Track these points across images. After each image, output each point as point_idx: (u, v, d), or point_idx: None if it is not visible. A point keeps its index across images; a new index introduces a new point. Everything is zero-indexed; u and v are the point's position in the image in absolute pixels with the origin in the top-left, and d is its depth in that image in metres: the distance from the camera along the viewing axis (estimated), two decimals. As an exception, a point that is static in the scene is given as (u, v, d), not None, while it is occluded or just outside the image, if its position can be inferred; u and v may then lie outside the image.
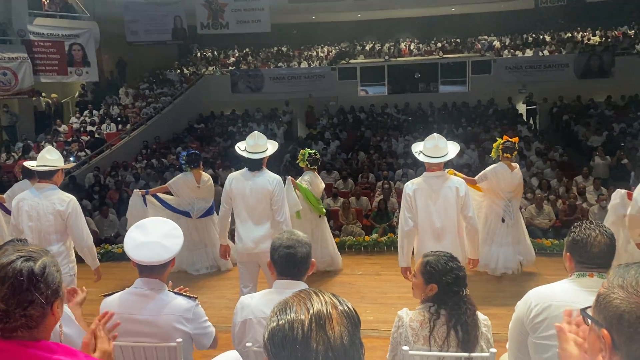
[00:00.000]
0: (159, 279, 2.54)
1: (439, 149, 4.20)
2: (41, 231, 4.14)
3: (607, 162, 11.71)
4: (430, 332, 2.38)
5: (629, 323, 1.01)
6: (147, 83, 20.40)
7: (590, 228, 2.26)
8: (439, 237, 4.17)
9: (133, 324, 2.48)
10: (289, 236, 2.40)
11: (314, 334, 1.03)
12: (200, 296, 5.86)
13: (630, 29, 21.69)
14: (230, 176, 4.71)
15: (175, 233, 2.56)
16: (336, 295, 1.13)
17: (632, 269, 1.07)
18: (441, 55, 20.51)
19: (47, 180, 4.20)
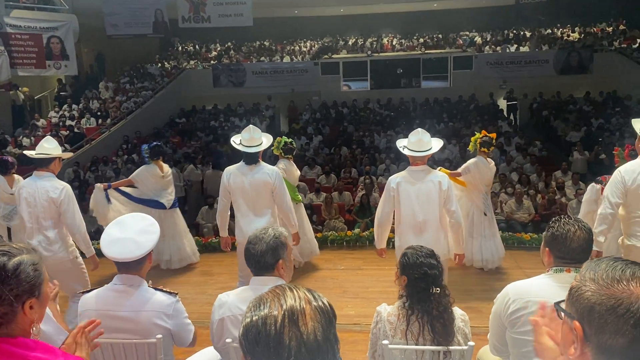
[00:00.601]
0: (138, 274, 2.52)
1: (422, 143, 4.27)
2: (38, 217, 4.31)
3: (586, 158, 11.89)
4: (407, 327, 2.41)
5: (599, 314, 1.04)
6: (128, 77, 20.15)
7: (569, 223, 2.29)
8: (420, 230, 4.23)
9: (113, 320, 2.46)
10: (258, 232, 2.42)
11: (286, 329, 1.04)
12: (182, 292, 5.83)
13: (608, 25, 22.02)
14: (227, 171, 4.75)
15: (151, 229, 2.54)
16: (312, 290, 1.13)
17: (603, 262, 1.10)
18: (423, 50, 20.61)
19: (44, 168, 4.38)
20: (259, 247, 2.37)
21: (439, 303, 2.42)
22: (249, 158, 4.64)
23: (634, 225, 3.83)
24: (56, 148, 4.49)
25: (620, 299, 1.03)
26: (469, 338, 2.44)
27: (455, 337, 2.41)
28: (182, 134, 16.46)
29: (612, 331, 1.02)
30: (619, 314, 1.02)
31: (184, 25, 18.25)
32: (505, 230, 8.35)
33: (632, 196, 3.78)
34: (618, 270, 1.07)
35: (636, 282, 1.04)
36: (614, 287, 1.05)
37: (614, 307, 1.03)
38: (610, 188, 3.83)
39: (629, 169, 3.78)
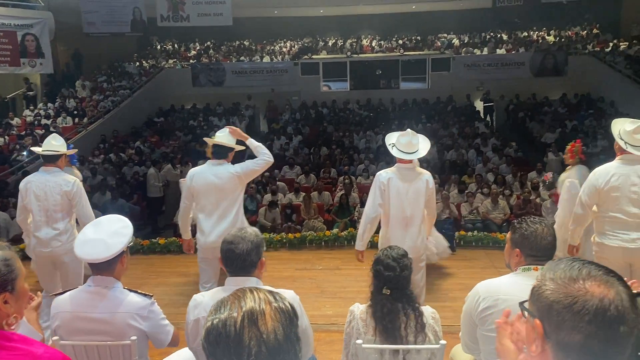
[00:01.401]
0: (111, 276, 2.51)
1: (411, 146, 4.37)
2: (48, 210, 4.52)
3: (560, 159, 12.09)
4: (376, 324, 2.46)
5: (557, 312, 1.08)
6: (105, 76, 19.91)
7: (535, 222, 2.38)
8: (407, 224, 4.37)
9: (87, 322, 2.44)
10: (235, 232, 2.41)
11: (246, 330, 1.06)
12: (159, 294, 5.80)
13: (582, 29, 22.46)
14: (191, 172, 4.64)
15: (124, 232, 2.53)
16: (274, 292, 1.16)
17: (562, 263, 1.15)
18: (402, 52, 20.77)
19: (52, 164, 4.63)
20: (243, 246, 2.34)
21: (383, 305, 2.45)
22: (219, 154, 4.56)
23: (605, 224, 3.94)
24: (63, 145, 4.74)
25: (576, 297, 1.07)
26: (440, 336, 2.49)
27: (426, 335, 2.45)
28: (161, 133, 16.32)
29: (569, 328, 1.06)
30: (575, 312, 1.06)
31: (162, 24, 18.09)
32: (480, 230, 8.49)
33: (604, 197, 3.88)
34: (575, 270, 1.11)
35: (592, 281, 1.08)
36: (571, 286, 1.09)
37: (570, 305, 1.07)
38: (583, 189, 3.97)
39: (602, 172, 3.88)
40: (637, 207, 3.80)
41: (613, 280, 1.09)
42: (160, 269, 6.90)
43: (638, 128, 3.84)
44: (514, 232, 2.43)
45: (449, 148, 13.56)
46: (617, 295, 1.06)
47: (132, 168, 12.48)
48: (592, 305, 1.05)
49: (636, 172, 3.82)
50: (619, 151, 3.96)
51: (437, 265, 6.61)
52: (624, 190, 3.81)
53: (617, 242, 3.85)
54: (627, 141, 3.84)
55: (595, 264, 1.13)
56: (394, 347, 2.41)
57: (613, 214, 3.87)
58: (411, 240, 4.35)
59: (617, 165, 3.88)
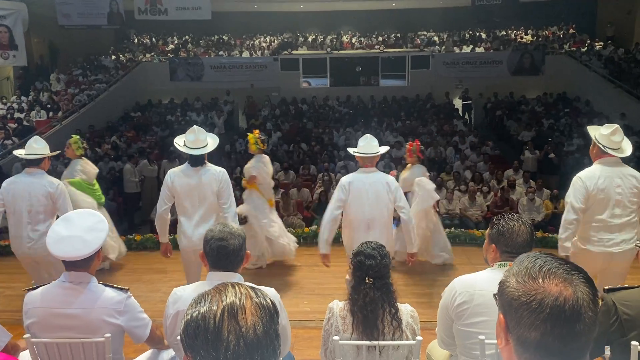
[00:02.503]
0: (86, 271, 2.47)
1: (371, 147, 4.56)
2: (32, 211, 4.60)
3: (536, 156, 12.30)
4: (354, 316, 2.46)
5: (515, 309, 1.09)
6: (81, 69, 19.57)
7: (512, 219, 2.40)
8: (368, 227, 4.40)
9: (60, 318, 2.40)
10: (221, 228, 2.39)
11: (225, 324, 1.05)
12: (135, 290, 5.72)
13: (559, 29, 22.81)
14: (170, 172, 4.50)
15: (100, 227, 2.49)
16: (256, 288, 1.15)
17: (527, 259, 1.15)
18: (382, 49, 20.82)
19: (35, 166, 4.68)
20: (235, 242, 2.34)
21: (366, 294, 2.46)
22: (195, 160, 4.41)
23: (591, 230, 3.95)
24: (45, 147, 4.76)
25: (533, 295, 1.07)
26: (418, 334, 2.50)
27: (403, 332, 2.46)
28: (137, 128, 16.10)
29: (527, 325, 1.07)
30: (532, 309, 1.06)
31: (140, 17, 17.83)
32: (458, 227, 8.57)
33: (592, 201, 3.90)
34: (536, 267, 1.11)
35: (551, 278, 1.08)
36: (530, 283, 1.09)
37: (527, 302, 1.07)
38: (574, 194, 3.93)
39: (589, 175, 3.91)
40: (621, 208, 3.87)
41: (573, 279, 1.08)
42: (136, 265, 6.82)
43: (614, 130, 3.90)
44: (491, 228, 2.45)
45: (428, 146, 13.64)
46: (574, 294, 1.06)
47: (108, 163, 12.28)
48: (548, 304, 1.05)
49: (618, 174, 3.89)
50: (596, 156, 4.00)
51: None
52: (609, 192, 3.87)
53: (601, 248, 3.89)
54: (605, 144, 3.91)
55: (560, 261, 1.13)
56: (371, 343, 2.41)
57: (599, 217, 3.90)
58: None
59: (601, 168, 3.92)
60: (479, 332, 2.28)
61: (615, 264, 3.92)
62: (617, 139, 3.93)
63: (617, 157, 3.92)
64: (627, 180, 3.88)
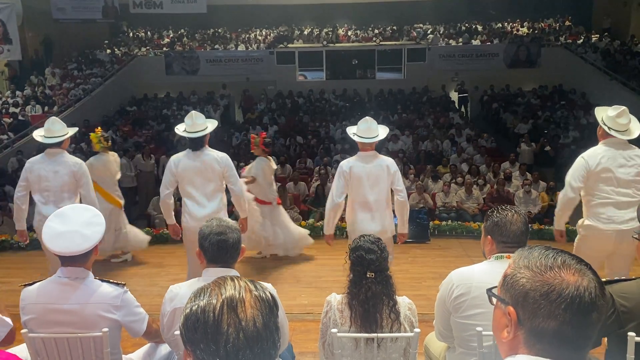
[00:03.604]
0: (83, 267, 2.46)
1: (371, 131, 4.57)
2: (55, 190, 4.75)
3: (532, 149, 12.32)
4: (354, 309, 2.47)
5: (533, 300, 1.10)
6: (76, 63, 19.47)
7: (506, 209, 2.44)
8: (370, 209, 4.54)
9: (57, 314, 2.39)
10: (218, 223, 2.39)
11: (225, 316, 1.05)
12: (132, 284, 5.73)
13: (555, 21, 22.80)
14: (173, 158, 4.73)
15: (97, 220, 2.48)
16: (255, 281, 1.15)
17: (536, 250, 1.16)
18: (378, 42, 20.77)
19: (56, 147, 4.81)
20: (234, 236, 2.36)
21: (368, 288, 2.47)
22: (195, 143, 4.63)
23: (598, 207, 3.99)
24: (63, 128, 4.88)
25: (553, 285, 1.09)
26: (416, 326, 2.51)
27: (401, 324, 2.46)
28: (133, 122, 16.04)
29: (545, 315, 1.09)
30: (552, 299, 1.08)
31: (135, 11, 17.78)
32: (454, 220, 8.59)
33: (595, 179, 3.96)
34: (550, 258, 1.13)
35: (567, 269, 1.11)
36: (547, 274, 1.11)
37: (547, 292, 1.09)
38: (573, 173, 4.02)
39: (592, 155, 3.99)
40: (626, 187, 3.93)
41: (585, 269, 1.12)
42: (133, 259, 6.80)
43: (621, 112, 3.95)
44: (486, 221, 2.48)
45: (424, 139, 13.66)
46: (590, 283, 1.10)
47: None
48: (569, 293, 1.08)
49: (622, 154, 3.94)
50: (602, 137, 4.06)
51: (411, 253, 6.68)
52: (613, 171, 3.92)
53: (611, 225, 3.92)
54: (610, 126, 3.96)
55: (567, 253, 1.16)
56: (369, 335, 2.42)
57: (606, 194, 3.96)
58: (377, 224, 4.51)
59: (605, 149, 3.98)
60: (476, 324, 2.29)
61: (625, 245, 3.89)
62: (623, 121, 3.96)
63: (622, 138, 3.95)
64: (632, 161, 3.93)
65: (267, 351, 1.07)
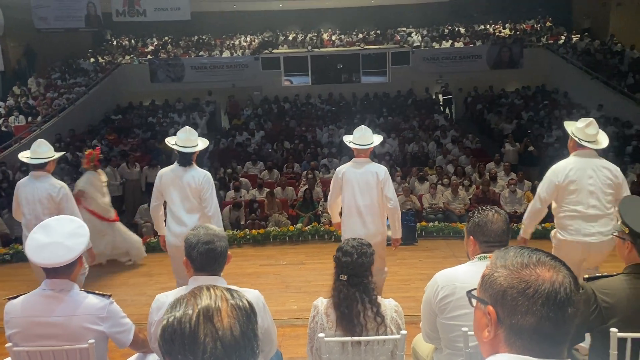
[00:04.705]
0: (68, 279, 2.44)
1: (365, 138, 4.72)
2: (37, 213, 4.76)
3: (516, 149, 12.44)
4: (335, 312, 2.49)
5: (511, 297, 1.13)
6: (59, 72, 19.31)
7: (486, 209, 2.50)
8: (361, 214, 4.65)
9: (42, 327, 2.37)
10: (205, 231, 2.38)
11: (201, 327, 1.06)
12: (120, 294, 5.71)
13: (536, 22, 23.07)
14: (160, 172, 4.75)
15: (80, 232, 2.46)
16: (232, 290, 1.16)
17: (511, 250, 1.20)
18: (362, 46, 20.87)
19: (41, 169, 4.84)
20: (222, 244, 2.36)
21: (340, 291, 2.49)
22: (184, 159, 4.62)
23: (566, 219, 4.07)
24: (49, 150, 4.91)
25: (529, 282, 1.13)
26: (403, 328, 2.52)
27: (387, 327, 2.48)
28: (119, 131, 15.93)
29: (523, 312, 1.12)
30: (529, 296, 1.12)
31: (118, 19, 17.69)
32: (441, 221, 8.65)
33: (563, 192, 4.03)
34: (526, 257, 1.16)
35: (542, 266, 1.14)
36: (523, 271, 1.14)
37: (524, 289, 1.12)
38: (542, 185, 4.13)
39: (561, 168, 4.07)
40: (595, 199, 3.98)
41: (559, 266, 1.15)
42: (121, 269, 6.76)
43: (589, 124, 4.06)
44: (468, 221, 2.51)
45: (410, 141, 13.73)
46: (565, 279, 1.13)
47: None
48: (545, 289, 1.11)
49: (591, 166, 4.01)
50: (572, 149, 4.14)
51: (399, 255, 6.71)
52: (581, 183, 3.98)
53: (578, 237, 3.99)
54: (581, 137, 4.05)
55: (542, 251, 1.19)
56: (356, 339, 2.43)
57: (573, 207, 4.01)
58: (367, 228, 4.61)
59: (574, 160, 4.06)
60: (462, 324, 2.32)
61: (593, 255, 4.01)
62: (592, 132, 4.06)
63: (593, 149, 4.05)
64: (600, 172, 4.00)
65: (246, 359, 1.08)
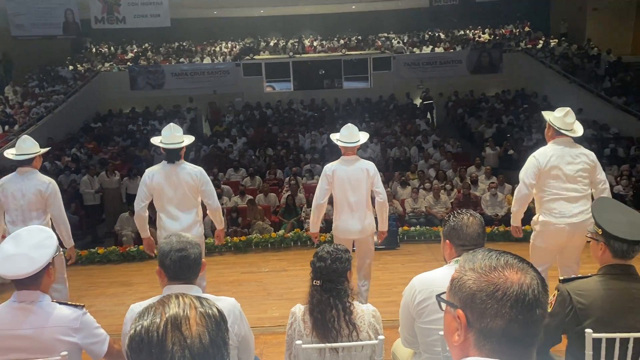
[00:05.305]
0: (37, 290, 2.38)
1: (352, 136, 4.81)
2: (24, 209, 4.71)
3: (497, 152, 12.56)
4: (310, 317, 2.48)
5: (480, 300, 1.13)
6: (37, 80, 19.07)
7: (462, 213, 2.51)
8: (352, 209, 4.73)
9: (12, 340, 2.31)
10: (178, 239, 2.35)
11: (169, 335, 1.04)
12: (98, 304, 5.63)
13: (515, 27, 23.40)
14: (148, 171, 4.68)
15: (47, 243, 2.41)
16: (202, 298, 1.14)
17: (479, 254, 1.19)
18: (344, 52, 20.96)
19: (27, 165, 4.75)
20: (195, 251, 2.34)
21: (313, 296, 2.49)
22: (171, 155, 4.58)
23: (549, 202, 4.21)
24: (34, 146, 4.83)
25: (498, 285, 1.12)
26: (381, 333, 2.51)
27: (366, 333, 2.47)
28: (98, 139, 15.75)
29: (492, 315, 1.11)
30: (498, 298, 1.11)
31: (97, 26, 17.51)
32: (423, 225, 8.69)
33: (545, 176, 4.19)
34: (494, 259, 1.16)
35: (510, 268, 1.14)
36: (492, 274, 1.14)
37: (492, 292, 1.12)
38: (525, 171, 4.27)
39: (542, 153, 4.24)
40: (574, 183, 4.16)
41: (527, 267, 1.15)
42: (99, 279, 6.68)
43: (567, 112, 4.23)
44: (444, 225, 2.52)
45: (392, 146, 13.80)
46: (532, 281, 1.13)
47: (68, 176, 11.98)
48: (513, 291, 1.11)
49: (569, 152, 4.20)
50: (550, 137, 4.30)
51: (381, 260, 6.72)
52: (562, 168, 4.16)
53: (562, 219, 4.14)
54: (559, 126, 4.21)
55: (509, 253, 1.19)
56: (333, 345, 2.42)
57: (556, 190, 4.18)
58: (358, 223, 4.70)
59: (553, 147, 4.23)
60: (439, 328, 2.32)
61: (577, 237, 4.13)
62: (570, 120, 4.23)
63: (570, 137, 4.22)
64: (578, 159, 4.19)
65: None
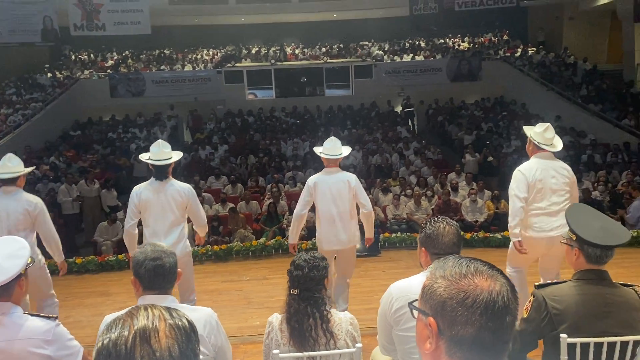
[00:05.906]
0: (8, 301, 2.34)
1: (335, 149, 4.88)
2: (10, 229, 4.53)
3: (477, 159, 12.69)
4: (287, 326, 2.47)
5: (451, 308, 1.12)
6: (15, 88, 18.79)
7: (438, 221, 2.48)
8: (334, 221, 4.78)
9: (-17, 353, 2.27)
10: (152, 248, 2.33)
11: (138, 348, 1.03)
12: (76, 315, 5.54)
13: (494, 36, 23.74)
14: (136, 188, 4.65)
15: (20, 254, 2.36)
16: (171, 309, 1.13)
17: (450, 261, 1.19)
18: (326, 59, 21.04)
19: (11, 185, 4.65)
20: (170, 260, 2.31)
21: (290, 305, 2.49)
22: (160, 173, 4.56)
23: (531, 217, 4.30)
24: (19, 165, 4.75)
25: (468, 292, 1.12)
26: (358, 341, 2.51)
27: (344, 341, 2.46)
28: (77, 147, 15.54)
29: (463, 322, 1.11)
30: (468, 306, 1.11)
31: (76, 33, 17.35)
32: (405, 231, 8.72)
33: (532, 191, 4.28)
34: (464, 267, 1.16)
35: (480, 275, 1.14)
36: (462, 281, 1.14)
37: (463, 299, 1.12)
38: (516, 185, 4.31)
39: (527, 168, 4.32)
40: (557, 196, 4.27)
41: (497, 275, 1.15)
42: (77, 289, 6.57)
43: (546, 128, 4.34)
44: (420, 232, 2.51)
45: (374, 153, 13.86)
46: (502, 288, 1.13)
47: (47, 185, 11.80)
48: (483, 299, 1.11)
49: (552, 166, 4.31)
50: (532, 152, 4.39)
51: (362, 267, 6.72)
52: (546, 182, 4.26)
53: (543, 234, 4.24)
54: (540, 141, 4.31)
55: (480, 260, 1.19)
56: (310, 354, 2.41)
57: (538, 204, 4.26)
58: (343, 233, 4.77)
59: (537, 162, 4.32)
60: (416, 335, 2.32)
61: (556, 247, 4.15)
62: (549, 135, 4.33)
63: (550, 151, 4.32)
64: (560, 172, 4.31)
65: None
